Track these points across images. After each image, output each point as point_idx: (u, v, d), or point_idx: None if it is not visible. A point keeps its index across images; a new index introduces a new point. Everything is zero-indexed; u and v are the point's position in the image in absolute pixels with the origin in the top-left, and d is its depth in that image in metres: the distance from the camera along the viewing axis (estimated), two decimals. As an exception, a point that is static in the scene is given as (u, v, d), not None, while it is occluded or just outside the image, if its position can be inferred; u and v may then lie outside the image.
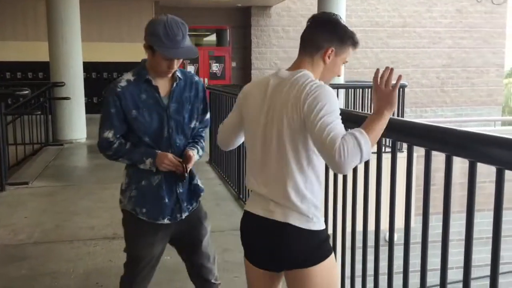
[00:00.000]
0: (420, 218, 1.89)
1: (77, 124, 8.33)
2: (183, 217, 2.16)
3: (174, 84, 2.09)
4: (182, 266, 2.37)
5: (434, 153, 1.81)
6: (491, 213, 1.52)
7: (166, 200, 2.10)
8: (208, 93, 6.80)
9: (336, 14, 1.77)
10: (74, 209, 4.64)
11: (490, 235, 1.52)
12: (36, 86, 7.80)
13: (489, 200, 1.64)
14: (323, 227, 1.73)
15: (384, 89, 1.61)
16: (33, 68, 11.77)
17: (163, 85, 2.08)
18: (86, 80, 8.93)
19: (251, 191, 1.85)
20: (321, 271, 1.71)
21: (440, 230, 1.77)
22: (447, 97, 14.78)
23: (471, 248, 1.63)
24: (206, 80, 14.15)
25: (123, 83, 2.03)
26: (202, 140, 2.26)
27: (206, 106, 2.23)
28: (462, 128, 1.74)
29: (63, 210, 4.60)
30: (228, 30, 14.34)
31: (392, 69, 1.62)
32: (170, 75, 2.06)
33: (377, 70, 1.63)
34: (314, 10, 10.93)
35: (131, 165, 2.11)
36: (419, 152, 1.93)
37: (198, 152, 2.18)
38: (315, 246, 1.70)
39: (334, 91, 1.64)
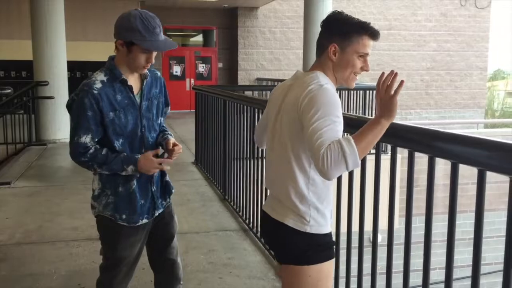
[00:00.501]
0: (404, 219, 1.91)
1: (61, 123, 8.23)
2: (158, 213, 2.17)
3: (145, 82, 2.06)
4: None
5: (418, 154, 1.82)
6: (474, 215, 1.54)
7: (143, 202, 2.09)
8: (194, 93, 6.78)
9: (338, 12, 1.74)
10: (57, 209, 4.58)
11: (473, 236, 1.53)
12: (19, 85, 7.69)
13: (472, 201, 1.66)
14: (322, 232, 1.71)
15: (384, 94, 1.52)
16: (17, 67, 11.62)
17: (133, 83, 2.04)
18: (71, 79, 8.84)
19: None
20: (310, 273, 1.70)
21: (423, 231, 1.78)
22: (431, 99, 14.95)
23: (453, 249, 1.65)
24: (192, 80, 14.12)
25: (98, 84, 1.95)
26: (168, 131, 2.26)
27: (167, 99, 2.23)
28: (445, 130, 1.75)
29: (46, 211, 4.54)
30: (214, 31, 14.32)
31: (396, 74, 1.54)
32: (145, 70, 2.02)
33: (382, 73, 1.55)
34: (301, 12, 10.97)
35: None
36: (403, 154, 1.94)
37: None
38: (308, 248, 1.70)
39: (336, 94, 1.61)
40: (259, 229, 3.76)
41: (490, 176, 1.49)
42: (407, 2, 14.55)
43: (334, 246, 1.79)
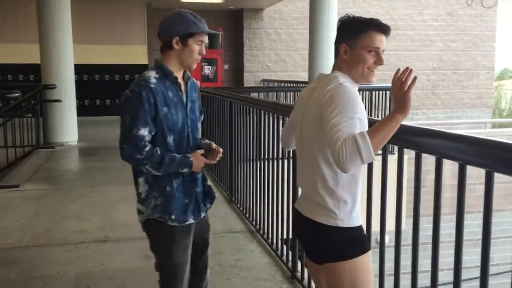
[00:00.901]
0: (411, 220, 1.90)
1: (68, 126, 8.27)
2: (202, 216, 2.18)
3: (188, 83, 2.12)
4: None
5: (425, 155, 1.82)
6: (481, 215, 1.53)
7: (187, 200, 2.10)
8: (201, 95, 6.79)
9: (347, 15, 1.81)
10: (65, 212, 4.61)
11: (480, 236, 1.53)
12: (27, 88, 7.75)
13: (479, 202, 1.65)
14: (354, 224, 1.75)
15: (398, 90, 1.60)
16: (24, 70, 11.69)
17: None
18: (78, 83, 8.88)
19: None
20: (348, 268, 1.73)
21: (431, 232, 1.78)
22: (438, 99, 14.87)
23: (461, 250, 1.64)
24: (198, 82, 14.13)
25: (153, 79, 1.98)
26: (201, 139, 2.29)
27: (201, 107, 2.28)
28: (452, 130, 1.75)
29: (54, 213, 4.56)
30: (220, 32, 14.33)
31: (411, 70, 1.61)
32: (196, 65, 2.09)
33: (398, 70, 1.63)
34: (306, 13, 10.95)
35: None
36: (410, 154, 1.94)
37: None
38: (341, 244, 1.73)
39: (354, 91, 1.68)
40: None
41: (497, 176, 1.49)
42: (413, 1, 14.50)
43: (368, 239, 1.83)
